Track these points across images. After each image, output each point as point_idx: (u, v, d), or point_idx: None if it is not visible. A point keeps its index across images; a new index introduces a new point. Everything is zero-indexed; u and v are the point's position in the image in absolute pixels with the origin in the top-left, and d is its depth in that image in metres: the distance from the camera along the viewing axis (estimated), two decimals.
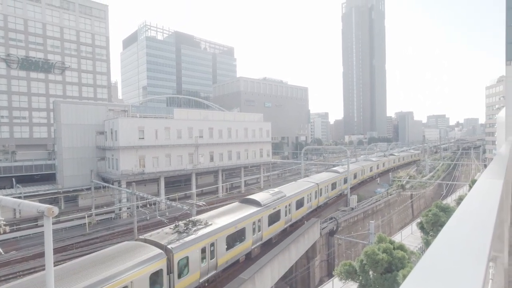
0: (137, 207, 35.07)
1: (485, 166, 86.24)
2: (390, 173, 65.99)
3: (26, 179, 52.63)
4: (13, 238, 35.31)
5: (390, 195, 50.11)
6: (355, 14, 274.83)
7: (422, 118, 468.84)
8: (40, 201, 40.99)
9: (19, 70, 67.69)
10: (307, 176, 50.37)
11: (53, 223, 34.23)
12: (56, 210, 6.96)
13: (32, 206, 7.30)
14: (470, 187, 42.42)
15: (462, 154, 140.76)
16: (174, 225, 18.06)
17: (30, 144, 67.96)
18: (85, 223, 36.79)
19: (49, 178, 54.20)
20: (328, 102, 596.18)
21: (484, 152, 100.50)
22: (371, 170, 58.90)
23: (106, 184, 41.82)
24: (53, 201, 44.88)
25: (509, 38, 20.01)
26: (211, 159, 53.71)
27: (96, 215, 40.66)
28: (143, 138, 44.75)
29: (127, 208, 42.94)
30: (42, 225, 7.35)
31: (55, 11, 73.13)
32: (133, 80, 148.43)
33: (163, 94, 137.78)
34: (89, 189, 43.56)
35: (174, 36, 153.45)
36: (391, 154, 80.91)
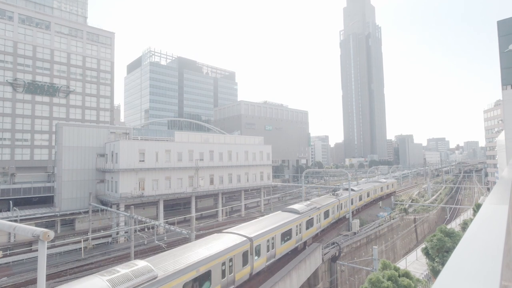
0: (135, 231, 34.34)
1: (488, 189, 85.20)
2: (392, 197, 65.10)
3: (24, 202, 51.99)
4: (5, 263, 34.23)
5: (393, 219, 49.11)
6: (353, 41, 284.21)
7: (422, 141, 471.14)
8: (37, 225, 40.26)
9: (25, 93, 69.08)
10: (308, 199, 49.75)
11: (48, 248, 33.34)
12: (51, 234, 6.81)
13: (28, 230, 7.14)
14: (474, 211, 41.63)
15: (464, 177, 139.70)
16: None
17: (30, 166, 67.84)
18: (81, 248, 35.82)
19: (47, 200, 53.55)
20: (328, 125, 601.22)
21: (486, 175, 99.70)
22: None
23: (104, 207, 41.20)
24: (50, 224, 44.02)
25: (503, 64, 20.52)
26: (211, 182, 53.30)
27: (93, 239, 39.68)
28: (143, 161, 44.69)
29: (125, 232, 42.00)
30: (37, 250, 7.15)
31: (63, 38, 75.88)
32: (136, 103, 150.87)
33: (165, 117, 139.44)
34: (86, 212, 42.87)
35: (177, 61, 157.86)
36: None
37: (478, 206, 39.21)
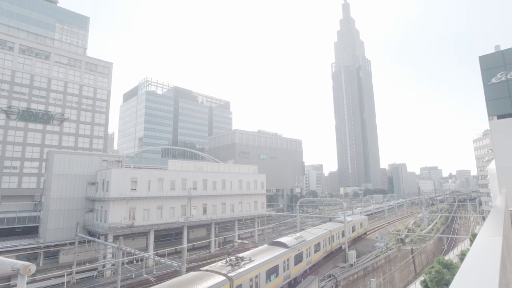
0: (123, 263, 32.72)
1: (484, 218, 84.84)
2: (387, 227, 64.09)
3: (7, 232, 49.69)
4: None
5: (390, 249, 47.99)
6: (344, 73, 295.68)
7: (415, 169, 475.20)
8: (18, 257, 38.18)
9: (18, 121, 68.80)
10: (303, 229, 48.69)
11: (28, 282, 31.35)
12: (33, 267, 6.43)
13: (7, 263, 6.74)
14: (471, 241, 41.06)
15: (459, 206, 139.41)
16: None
17: (17, 194, 65.78)
18: (64, 282, 33.76)
19: (32, 231, 51.28)
20: (322, 154, 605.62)
21: (481, 204, 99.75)
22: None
23: (91, 238, 39.54)
24: (32, 257, 41.79)
25: (488, 96, 21.39)
26: (204, 211, 52.07)
27: (77, 272, 37.56)
28: (135, 189, 43.76)
29: (112, 265, 39.98)
30: (15, 285, 6.72)
31: (61, 68, 77.37)
32: (130, 131, 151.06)
33: (159, 145, 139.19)
34: (72, 243, 41.00)
35: (173, 91, 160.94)
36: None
37: (474, 236, 38.78)
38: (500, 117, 21.16)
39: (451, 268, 24.94)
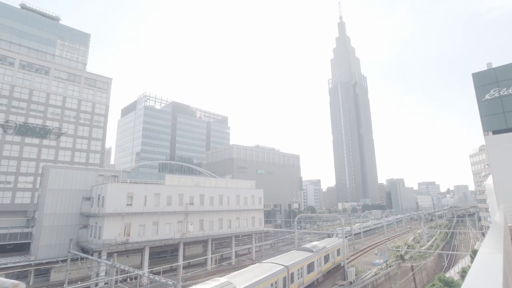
0: (116, 281, 31.76)
1: (483, 234, 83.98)
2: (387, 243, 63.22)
3: None
4: None
5: (390, 266, 47.10)
6: (341, 89, 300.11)
7: (413, 184, 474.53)
8: (7, 275, 37.03)
9: (14, 135, 68.47)
10: (300, 245, 47.84)
11: None
12: (22, 286, 6.24)
13: None
14: (472, 257, 40.46)
15: (458, 221, 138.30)
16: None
17: (10, 210, 64.55)
18: None
19: (23, 248, 49.99)
20: (320, 169, 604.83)
21: (480, 219, 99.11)
22: None
23: (85, 255, 38.52)
24: (22, 275, 40.52)
25: (482, 112, 21.71)
26: (201, 227, 51.23)
27: None
28: (131, 205, 43.12)
29: (105, 283, 38.76)
30: None
31: (61, 83, 77.90)
32: (128, 146, 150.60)
33: (156, 160, 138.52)
34: (64, 260, 39.89)
35: (171, 106, 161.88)
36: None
37: (474, 253, 38.26)
38: (495, 132, 21.40)
39: (453, 286, 24.44)
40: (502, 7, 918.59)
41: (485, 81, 22.05)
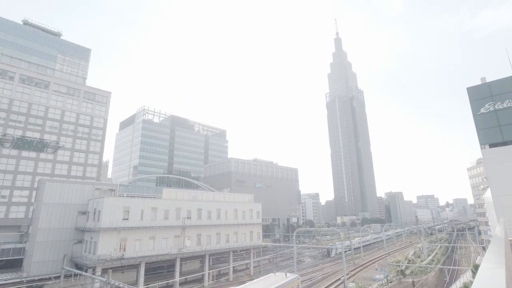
0: None
1: (484, 248, 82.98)
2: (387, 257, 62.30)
3: None
4: None
5: (391, 282, 46.20)
6: (338, 103, 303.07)
7: (412, 198, 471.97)
8: None
9: (11, 149, 68.07)
10: (300, 260, 46.98)
11: None
12: None
13: None
14: (473, 272, 39.77)
15: (458, 235, 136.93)
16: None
17: (3, 225, 63.33)
18: None
19: (16, 264, 48.71)
20: (318, 182, 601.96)
21: (480, 233, 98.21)
22: None
23: (78, 272, 37.55)
24: None
25: (478, 125, 21.93)
26: (198, 242, 50.36)
27: None
28: (127, 219, 42.49)
29: None
30: None
31: (60, 97, 78.24)
32: (125, 159, 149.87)
33: (154, 173, 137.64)
34: (58, 277, 38.83)
35: (170, 119, 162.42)
36: None
37: (476, 267, 37.68)
38: (492, 145, 21.55)
39: None
40: (490, 27, 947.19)
41: (480, 95, 22.39)
